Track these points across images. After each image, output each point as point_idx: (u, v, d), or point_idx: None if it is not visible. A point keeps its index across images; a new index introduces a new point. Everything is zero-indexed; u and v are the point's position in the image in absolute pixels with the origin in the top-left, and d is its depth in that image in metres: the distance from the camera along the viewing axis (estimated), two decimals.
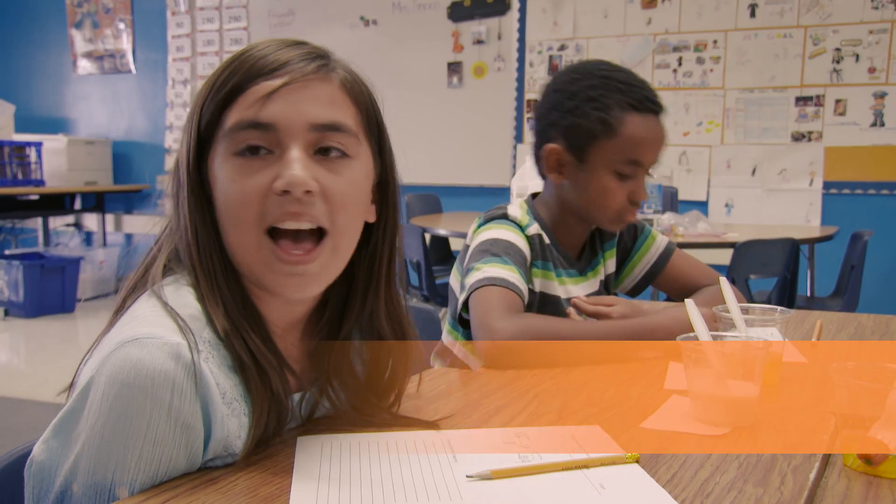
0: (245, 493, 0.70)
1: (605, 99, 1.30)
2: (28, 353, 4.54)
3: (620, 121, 1.29)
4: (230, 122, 0.76)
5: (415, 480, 0.73)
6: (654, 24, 4.61)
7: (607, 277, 1.48)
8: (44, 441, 0.72)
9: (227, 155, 0.77)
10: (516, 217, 1.37)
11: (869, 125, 4.21)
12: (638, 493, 0.71)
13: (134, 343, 0.69)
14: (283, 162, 0.75)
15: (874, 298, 3.92)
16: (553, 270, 1.38)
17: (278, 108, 0.76)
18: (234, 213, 0.76)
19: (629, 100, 1.30)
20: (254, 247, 0.77)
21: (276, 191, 0.75)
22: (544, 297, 1.37)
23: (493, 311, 1.18)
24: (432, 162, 5.05)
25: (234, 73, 0.77)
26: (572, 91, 1.33)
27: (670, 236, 3.16)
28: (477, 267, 1.27)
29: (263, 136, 0.76)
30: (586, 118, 1.30)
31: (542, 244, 1.37)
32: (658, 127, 1.33)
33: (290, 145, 0.76)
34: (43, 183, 5.49)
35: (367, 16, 5.29)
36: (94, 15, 6.15)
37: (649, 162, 1.33)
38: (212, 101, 0.78)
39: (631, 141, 1.29)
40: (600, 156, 1.31)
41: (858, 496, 0.71)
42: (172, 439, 0.69)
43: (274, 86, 0.76)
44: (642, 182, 1.33)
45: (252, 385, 0.76)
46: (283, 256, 0.76)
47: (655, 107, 1.32)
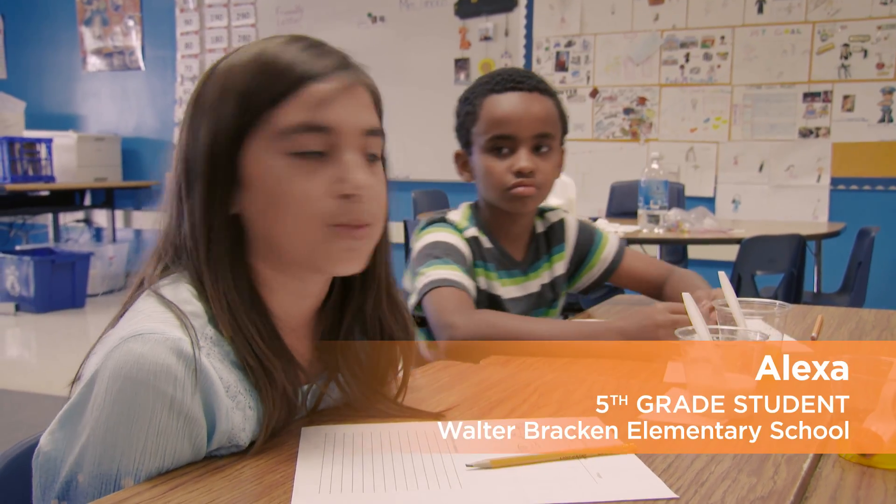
0: (251, 481, 0.72)
1: (471, 94, 1.45)
2: (38, 347, 4.58)
3: (479, 105, 1.42)
4: (285, 121, 0.78)
5: (416, 469, 0.74)
6: (662, 21, 4.60)
7: (554, 280, 1.54)
8: (50, 433, 0.74)
9: (281, 153, 0.78)
10: (455, 221, 1.45)
11: (877, 121, 4.19)
12: (634, 481, 0.72)
13: (137, 338, 0.71)
14: (344, 166, 0.79)
15: (881, 294, 3.92)
16: (495, 271, 1.45)
17: (336, 113, 0.79)
18: (295, 212, 0.79)
19: (488, 85, 1.42)
20: (319, 237, 0.79)
21: (339, 193, 0.78)
22: (488, 296, 1.44)
23: (448, 310, 1.26)
24: (439, 158, 5.05)
25: (284, 72, 0.79)
26: (459, 99, 1.49)
27: (676, 233, 3.17)
28: (422, 271, 1.34)
29: (320, 139, 0.79)
30: (461, 115, 1.46)
31: (480, 246, 1.44)
32: (521, 100, 1.40)
33: (346, 149, 0.80)
34: (53, 179, 5.53)
35: (375, 12, 5.30)
36: (104, 12, 6.19)
37: (523, 133, 1.39)
38: (258, 95, 0.78)
39: (490, 118, 1.41)
40: (476, 142, 1.43)
41: (851, 486, 0.73)
42: (175, 431, 0.71)
43: (330, 89, 0.79)
44: (522, 154, 1.39)
45: (261, 385, 0.78)
46: (343, 233, 0.79)
47: (516, 84, 1.40)
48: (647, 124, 4.69)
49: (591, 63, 4.80)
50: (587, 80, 4.82)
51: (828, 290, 3.70)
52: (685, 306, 0.97)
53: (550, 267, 1.54)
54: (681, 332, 0.94)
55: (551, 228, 1.55)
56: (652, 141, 4.66)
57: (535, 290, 1.51)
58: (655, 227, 3.15)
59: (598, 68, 4.78)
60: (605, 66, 4.77)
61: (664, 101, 4.64)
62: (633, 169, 4.35)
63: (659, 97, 4.65)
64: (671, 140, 4.63)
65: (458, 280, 1.31)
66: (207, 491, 0.69)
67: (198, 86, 0.83)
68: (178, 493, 0.68)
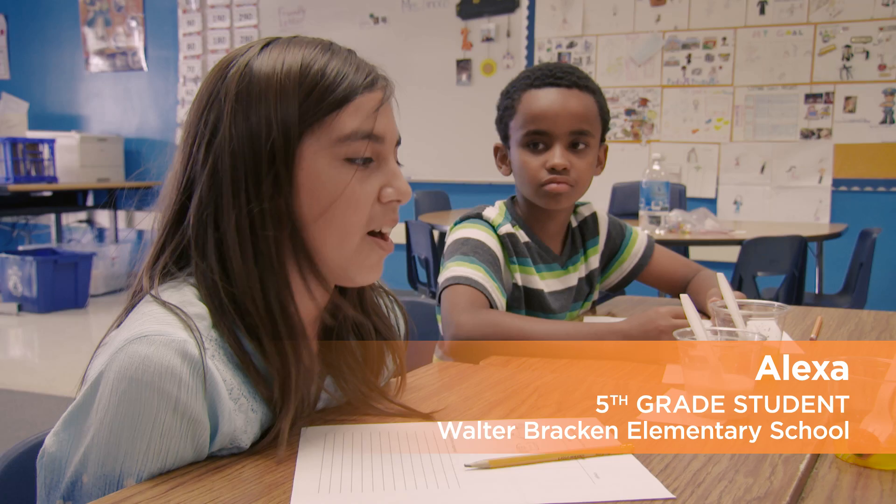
0: (251, 481, 0.72)
1: (512, 88, 1.46)
2: (41, 347, 4.59)
3: (518, 99, 1.43)
4: (343, 128, 0.80)
5: (414, 469, 0.75)
6: (664, 22, 4.61)
7: (590, 273, 1.54)
8: (55, 433, 0.75)
9: (336, 158, 0.81)
10: (490, 217, 1.43)
11: (879, 122, 4.20)
12: (631, 481, 0.73)
13: (142, 340, 0.71)
14: (391, 173, 0.83)
15: (883, 296, 3.92)
16: (533, 265, 1.44)
17: (385, 121, 0.83)
18: (342, 213, 0.81)
19: (528, 80, 1.43)
20: (357, 244, 0.83)
21: (385, 199, 0.83)
22: (527, 291, 1.43)
23: (457, 308, 1.26)
24: (441, 159, 5.07)
25: (341, 76, 0.81)
26: (500, 92, 1.50)
27: (678, 234, 3.17)
28: (447, 266, 1.34)
29: (372, 147, 0.82)
30: (501, 109, 1.48)
31: (516, 242, 1.43)
32: (560, 96, 1.40)
33: (390, 157, 0.84)
34: (56, 179, 5.55)
35: (377, 13, 5.31)
36: (107, 13, 6.20)
37: (559, 129, 1.39)
38: (319, 102, 0.79)
39: (527, 113, 1.41)
40: (513, 137, 1.44)
41: (847, 486, 0.73)
42: (179, 432, 0.72)
43: (379, 98, 0.83)
44: (557, 150, 1.40)
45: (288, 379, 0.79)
46: (383, 245, 0.85)
47: (555, 80, 1.41)
48: (648, 125, 4.69)
49: (592, 64, 4.81)
50: None
51: (829, 292, 3.70)
52: (684, 308, 0.97)
53: (586, 260, 1.54)
54: (678, 333, 0.94)
55: (584, 222, 1.55)
56: (653, 142, 4.67)
57: (574, 284, 1.50)
58: (657, 228, 3.16)
59: (600, 69, 4.79)
60: (606, 67, 4.77)
61: (666, 102, 4.64)
62: (635, 170, 4.35)
63: (661, 98, 4.65)
64: (673, 141, 4.63)
65: (476, 279, 1.30)
66: (208, 490, 0.70)
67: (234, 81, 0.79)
68: (179, 492, 0.69)
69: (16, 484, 0.83)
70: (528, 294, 1.42)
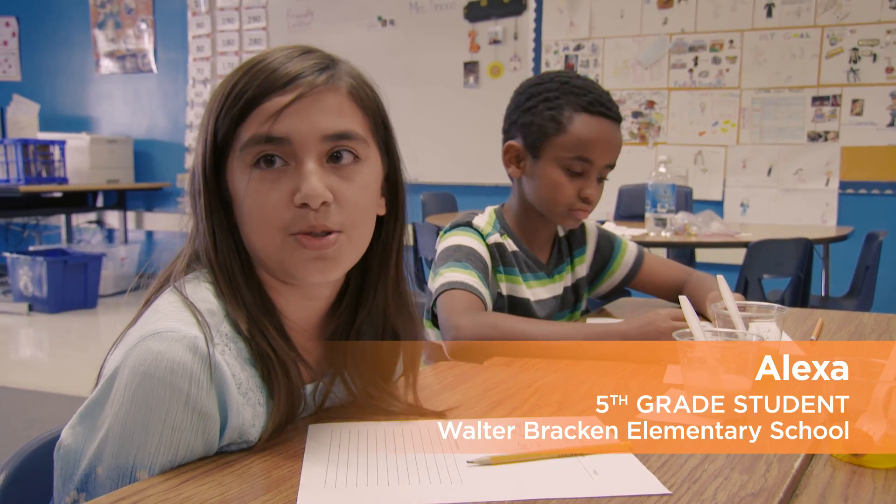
0: (259, 475, 0.74)
1: (558, 100, 1.41)
2: (51, 347, 4.63)
3: (570, 119, 1.40)
4: (246, 136, 0.81)
5: (418, 466, 0.77)
6: (671, 24, 4.62)
7: (576, 282, 1.57)
8: (71, 427, 0.77)
9: (246, 167, 0.81)
10: (479, 226, 1.45)
11: (886, 125, 4.19)
12: (629, 478, 0.75)
13: (155, 336, 0.74)
14: (301, 175, 0.80)
15: (889, 298, 3.92)
16: (520, 274, 1.46)
17: (291, 122, 0.80)
18: (257, 222, 0.81)
19: (581, 101, 1.41)
20: (278, 246, 0.82)
21: (296, 203, 0.80)
22: (512, 300, 1.45)
23: (456, 311, 1.28)
24: (448, 161, 5.09)
25: (248, 87, 0.81)
26: (532, 93, 1.45)
27: (684, 236, 3.18)
28: (440, 272, 1.36)
29: (279, 149, 0.80)
30: (540, 116, 1.42)
31: (504, 252, 1.45)
32: (609, 129, 1.42)
33: (305, 158, 0.80)
34: (66, 181, 5.59)
35: (385, 16, 5.33)
36: (117, 15, 6.25)
37: (600, 161, 1.41)
38: (227, 115, 0.82)
39: (579, 138, 1.40)
40: (551, 152, 1.42)
41: (841, 484, 0.75)
42: (190, 426, 0.74)
43: (286, 101, 0.80)
44: (593, 181, 1.42)
45: (273, 376, 0.81)
46: (306, 243, 0.81)
47: (608, 111, 1.41)
48: (655, 128, 4.70)
49: (599, 66, 4.82)
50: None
51: (835, 294, 3.70)
52: (683, 310, 0.99)
53: (573, 269, 1.56)
54: (678, 334, 0.96)
55: (571, 232, 1.58)
56: (660, 144, 4.67)
57: (559, 293, 1.53)
58: (663, 230, 3.17)
59: (607, 72, 4.80)
60: (613, 70, 4.78)
61: (672, 104, 4.65)
62: (641, 172, 4.35)
63: (667, 101, 4.66)
64: (679, 143, 4.63)
65: (472, 284, 1.33)
66: (218, 484, 0.72)
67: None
68: (190, 486, 0.71)
69: (29, 481, 0.85)
70: (514, 303, 1.45)
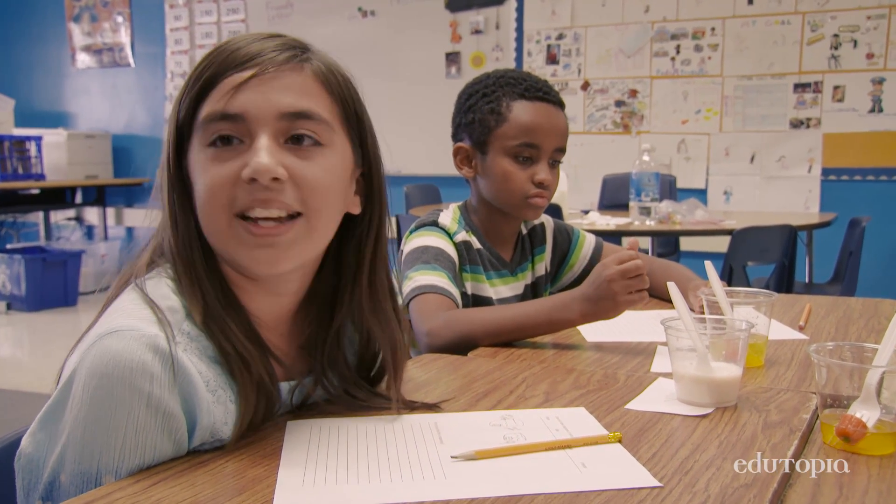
0: (233, 475, 0.71)
1: (495, 93, 1.43)
2: (30, 346, 4.56)
3: (509, 108, 1.41)
4: (203, 114, 0.78)
5: (401, 461, 0.74)
6: (652, 12, 4.60)
7: (536, 280, 1.56)
8: (31, 434, 0.74)
9: (201, 146, 0.78)
10: (445, 224, 1.45)
11: (867, 111, 4.20)
12: (618, 471, 0.72)
13: (113, 335, 0.71)
14: (252, 150, 0.76)
15: (872, 284, 3.93)
16: (483, 273, 1.46)
17: (247, 98, 0.77)
18: (205, 201, 0.78)
19: (517, 89, 1.41)
20: (225, 228, 0.77)
21: (244, 178, 0.76)
22: (476, 299, 1.44)
23: (426, 316, 1.27)
24: (431, 152, 5.05)
25: (208, 66, 0.78)
26: (471, 92, 1.47)
27: (668, 224, 3.17)
28: (410, 276, 1.35)
29: (234, 127, 0.77)
30: (481, 112, 1.43)
31: (469, 249, 1.45)
32: (550, 112, 1.42)
33: (259, 134, 0.77)
34: (43, 177, 5.51)
35: (365, 7, 5.28)
36: (93, 8, 6.16)
37: (547, 145, 1.41)
38: (188, 96, 0.79)
39: (520, 124, 1.40)
40: (497, 144, 1.42)
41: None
42: (154, 427, 0.70)
43: (244, 77, 0.77)
44: (544, 165, 1.41)
45: (236, 373, 0.77)
46: (254, 230, 0.77)
47: (545, 95, 1.41)
48: (638, 116, 4.69)
49: (582, 56, 4.80)
50: (578, 72, 4.81)
51: (819, 280, 3.70)
52: (670, 294, 0.97)
53: (533, 268, 1.56)
54: (665, 323, 0.94)
55: (534, 230, 1.58)
56: (643, 133, 4.66)
57: (521, 292, 1.52)
58: (647, 219, 3.15)
59: (590, 61, 4.78)
60: (596, 59, 4.77)
61: (655, 93, 4.64)
62: (625, 161, 4.34)
63: (650, 89, 4.65)
64: (662, 132, 4.63)
65: (441, 286, 1.32)
66: (190, 486, 0.69)
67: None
68: (161, 488, 0.68)
69: None
70: (477, 302, 1.44)
